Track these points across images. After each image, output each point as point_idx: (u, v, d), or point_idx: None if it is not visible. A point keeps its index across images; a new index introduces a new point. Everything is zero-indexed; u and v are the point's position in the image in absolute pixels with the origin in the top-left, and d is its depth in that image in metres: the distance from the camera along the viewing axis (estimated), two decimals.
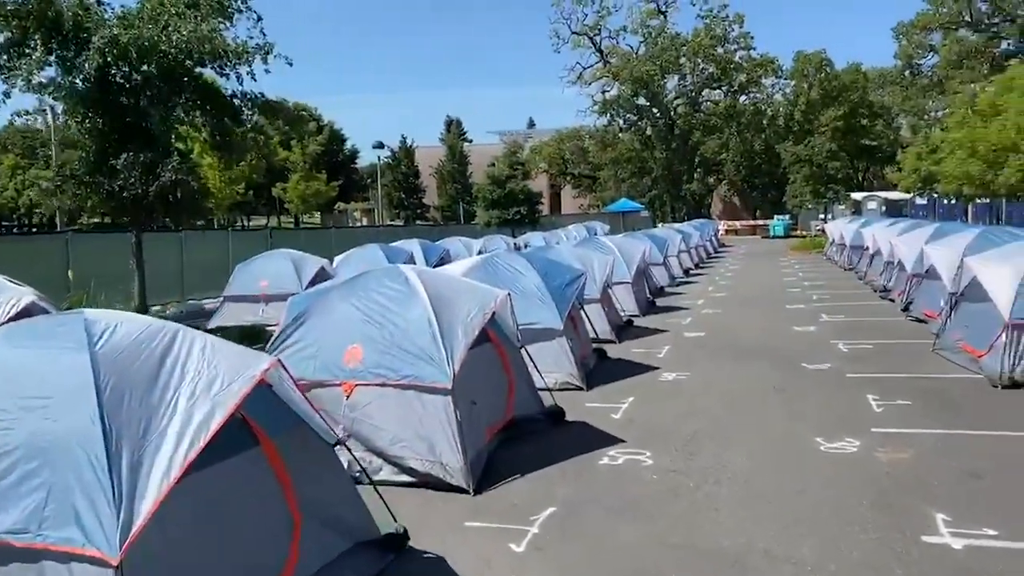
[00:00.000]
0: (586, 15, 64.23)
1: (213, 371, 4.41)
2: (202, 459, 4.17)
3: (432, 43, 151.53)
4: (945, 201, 41.50)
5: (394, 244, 24.99)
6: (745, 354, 12.80)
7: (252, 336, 14.34)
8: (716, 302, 20.43)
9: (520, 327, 8.86)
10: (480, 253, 29.55)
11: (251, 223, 79.09)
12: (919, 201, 45.20)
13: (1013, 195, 21.89)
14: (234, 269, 19.49)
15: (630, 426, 8.66)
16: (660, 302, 20.37)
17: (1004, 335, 9.93)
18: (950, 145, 23.34)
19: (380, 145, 53.89)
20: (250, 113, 16.38)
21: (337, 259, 22.08)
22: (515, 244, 30.49)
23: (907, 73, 53.61)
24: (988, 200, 30.79)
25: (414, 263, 23.15)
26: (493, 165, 48.65)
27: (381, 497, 5.64)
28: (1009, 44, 48.48)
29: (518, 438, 8.07)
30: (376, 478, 6.90)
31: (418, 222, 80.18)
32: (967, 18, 49.43)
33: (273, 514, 4.98)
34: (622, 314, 16.21)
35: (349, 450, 6.00)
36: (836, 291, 21.53)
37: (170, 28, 14.35)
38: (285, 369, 4.80)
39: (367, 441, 7.07)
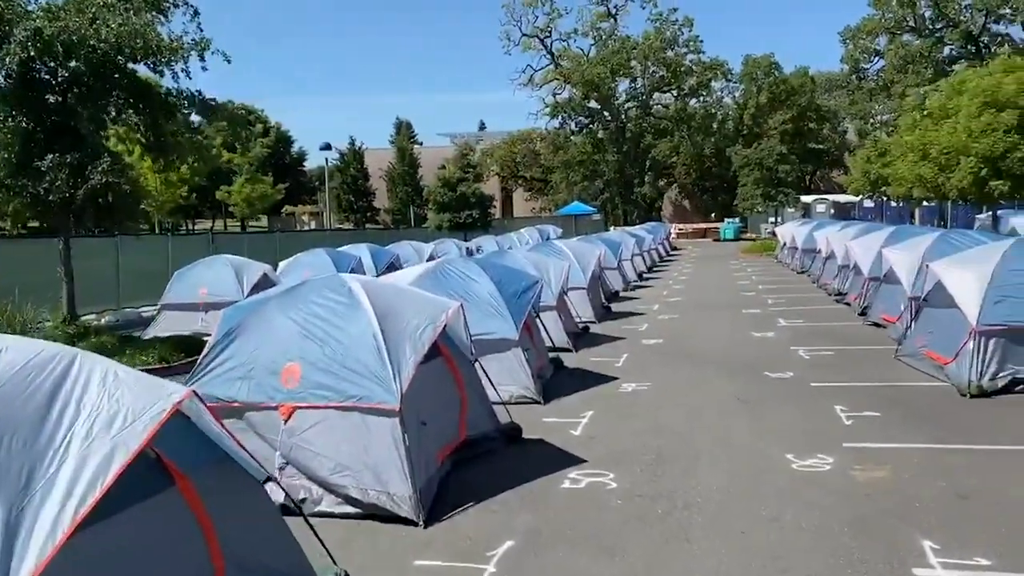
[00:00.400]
0: (536, 17, 64.05)
1: (115, 405, 3.76)
2: (106, 506, 3.54)
3: (382, 46, 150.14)
4: (893, 204, 42.07)
5: (342, 248, 24.23)
6: (705, 362, 12.41)
7: (190, 347, 13.53)
8: (672, 307, 20.11)
9: (473, 338, 8.31)
10: (431, 258, 28.95)
11: (196, 227, 77.18)
12: (867, 204, 45.76)
13: (964, 198, 21.99)
14: (172, 276, 18.63)
15: (591, 444, 8.15)
16: (616, 307, 19.98)
17: (971, 342, 9.65)
18: (901, 148, 23.37)
19: (327, 147, 52.79)
20: (187, 112, 15.54)
21: (282, 265, 21.28)
22: (467, 248, 29.94)
23: (854, 77, 54.31)
24: (935, 203, 31.15)
25: (362, 268, 22.45)
26: (444, 167, 48.01)
27: (318, 538, 5.01)
28: (952, 49, 49.39)
29: (472, 460, 7.50)
30: (316, 510, 6.30)
31: (368, 225, 79.08)
32: (911, 23, 50.20)
33: (191, 563, 4.35)
34: (578, 321, 15.76)
35: (280, 485, 5.36)
36: (791, 295, 21.38)
37: (99, 21, 13.46)
38: (202, 401, 4.16)
39: (307, 469, 6.44)
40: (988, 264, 10.10)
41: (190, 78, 14.57)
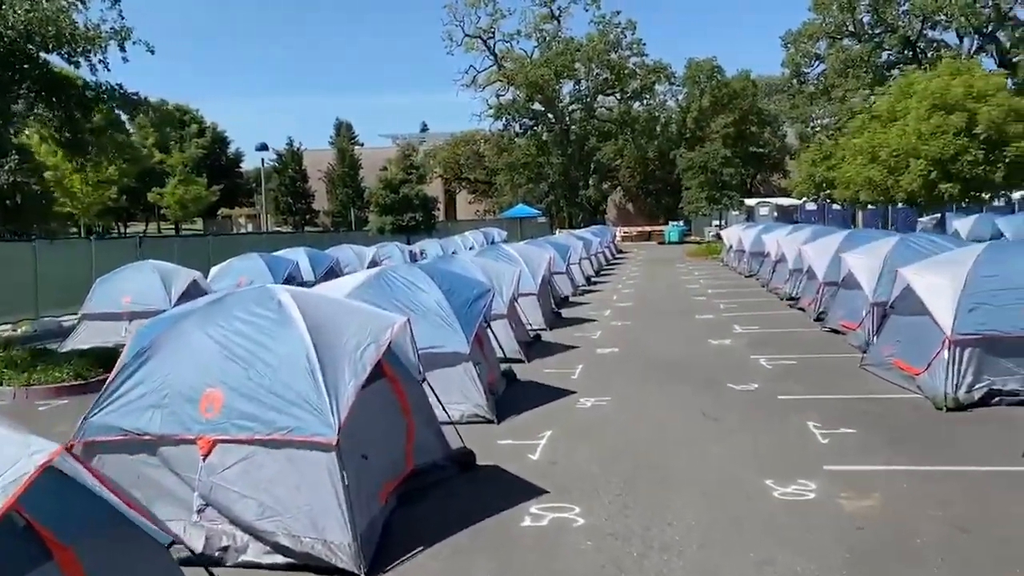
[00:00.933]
0: (479, 18, 63.37)
1: None
2: None
3: (325, 47, 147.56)
4: (836, 207, 42.35)
5: (278, 253, 23.14)
6: (665, 373, 11.79)
7: (110, 361, 12.39)
8: (624, 312, 19.54)
9: (421, 352, 7.50)
10: (373, 262, 27.98)
11: (128, 230, 74.49)
12: (809, 207, 46.05)
13: (912, 201, 21.92)
14: (94, 282, 17.36)
15: (552, 471, 7.40)
16: (566, 313, 19.33)
17: (945, 352, 9.18)
18: (850, 150, 23.23)
19: (263, 147, 51.19)
20: (106, 107, 14.37)
21: (213, 271, 20.08)
22: (410, 252, 29.02)
23: (794, 81, 54.81)
24: (880, 206, 31.25)
25: (299, 273, 21.40)
26: (386, 169, 46.98)
27: None
28: (890, 54, 50.10)
29: (421, 493, 6.70)
30: (241, 560, 5.45)
31: (307, 228, 77.33)
32: (851, 28, 50.80)
33: None
34: (529, 328, 15.05)
35: (187, 546, 4.48)
36: (743, 299, 21.00)
37: (4, 6, 12.29)
38: (78, 460, 3.29)
39: (230, 512, 5.58)
40: (960, 270, 9.69)
41: (109, 70, 13.44)
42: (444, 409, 7.79)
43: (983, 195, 20.95)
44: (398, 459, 6.67)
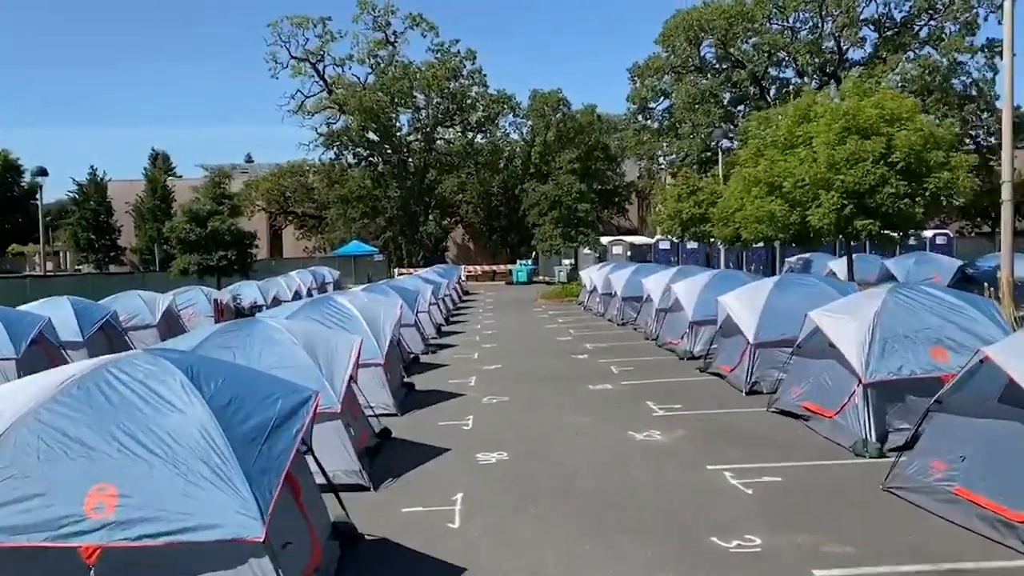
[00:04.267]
0: (307, 40, 57.94)
1: None
2: None
3: (142, 72, 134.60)
4: (691, 245, 40.15)
5: (27, 306, 17.23)
6: (593, 515, 7.44)
7: None
8: (494, 380, 15.18)
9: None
10: (169, 314, 22.23)
11: None
12: (662, 246, 43.82)
13: (821, 237, 19.03)
14: None
15: None
16: (420, 381, 14.79)
17: (857, 397, 8.97)
18: (743, 181, 20.10)
19: (42, 171, 43.25)
20: None
21: None
22: (216, 300, 23.40)
23: (640, 116, 53.02)
24: (770, 245, 28.75)
25: (53, 332, 15.66)
26: (198, 199, 40.72)
27: None
28: (737, 90, 49.13)
29: None
30: None
31: (112, 267, 68.46)
32: (696, 63, 49.56)
33: None
34: (370, 412, 10.40)
35: None
36: (635, 358, 17.13)
37: None
38: None
39: None
40: (868, 312, 9.51)
41: None
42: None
43: (897, 233, 18.16)
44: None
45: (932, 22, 46.55)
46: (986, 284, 14.60)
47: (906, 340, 9.12)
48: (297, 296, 31.59)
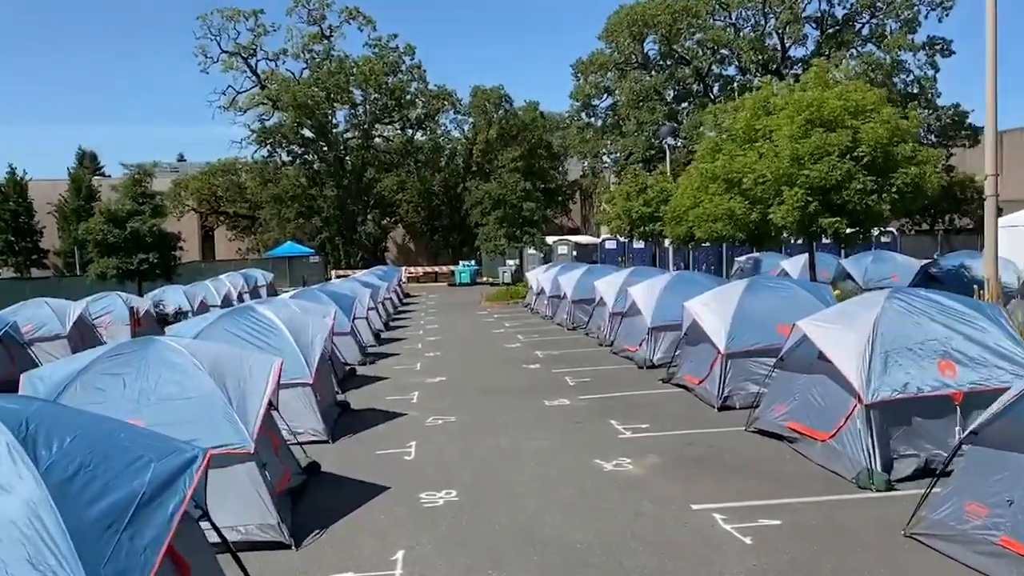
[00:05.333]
0: (239, 33, 55.55)
1: None
2: None
3: (68, 68, 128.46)
4: (637, 245, 39.21)
5: None
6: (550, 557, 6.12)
7: None
8: (437, 394, 13.77)
9: None
10: (82, 323, 20.30)
11: None
12: (609, 245, 42.90)
13: (782, 236, 18.04)
14: None
15: None
16: (356, 399, 13.28)
17: (857, 418, 7.77)
18: (700, 177, 19.02)
19: None
20: None
21: None
22: (132, 308, 21.45)
23: (583, 114, 51.98)
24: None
25: None
26: (120, 198, 38.25)
27: None
28: (681, 87, 48.42)
29: None
30: None
31: (35, 271, 64.74)
32: (639, 60, 48.71)
33: None
34: (294, 441, 8.91)
35: None
36: (590, 367, 15.88)
37: None
38: None
39: None
40: (865, 321, 8.36)
41: None
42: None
43: (864, 231, 17.24)
44: None
45: (873, 20, 46.55)
46: (976, 287, 13.64)
47: (910, 353, 8.02)
48: (227, 301, 29.75)
